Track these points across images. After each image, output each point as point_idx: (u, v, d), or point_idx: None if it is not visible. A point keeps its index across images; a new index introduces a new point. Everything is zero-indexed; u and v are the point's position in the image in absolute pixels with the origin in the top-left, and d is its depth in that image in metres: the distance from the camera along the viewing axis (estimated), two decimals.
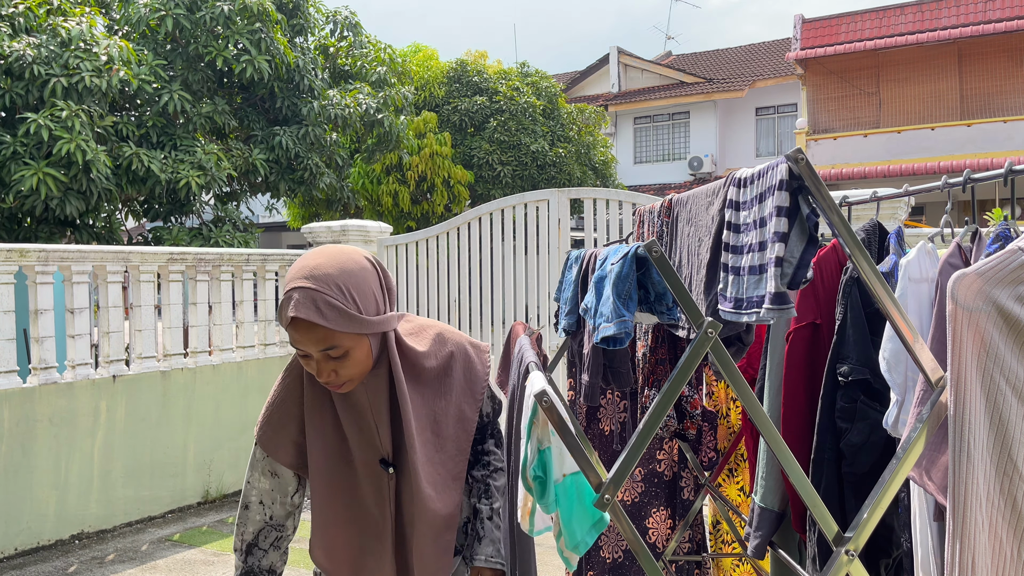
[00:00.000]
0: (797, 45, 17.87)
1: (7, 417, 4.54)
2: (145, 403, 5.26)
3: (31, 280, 4.76)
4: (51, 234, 7.20)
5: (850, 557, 1.43)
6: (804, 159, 1.42)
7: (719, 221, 1.83)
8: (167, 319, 5.53)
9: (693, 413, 2.94)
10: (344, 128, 9.38)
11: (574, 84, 24.07)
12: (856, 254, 1.37)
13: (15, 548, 4.57)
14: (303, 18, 9.36)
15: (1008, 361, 1.28)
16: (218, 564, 4.45)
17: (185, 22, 7.94)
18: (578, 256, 2.80)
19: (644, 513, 3.06)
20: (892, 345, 1.81)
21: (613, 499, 1.42)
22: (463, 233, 6.22)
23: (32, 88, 6.70)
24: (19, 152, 6.49)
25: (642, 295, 1.94)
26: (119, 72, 6.97)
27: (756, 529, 2.32)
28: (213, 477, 5.66)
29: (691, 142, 21.79)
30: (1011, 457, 1.29)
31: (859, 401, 1.99)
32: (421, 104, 14.18)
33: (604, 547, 3.07)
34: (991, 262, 1.29)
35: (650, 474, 3.07)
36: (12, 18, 7.02)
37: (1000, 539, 1.29)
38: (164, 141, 7.84)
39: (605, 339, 1.86)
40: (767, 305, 1.51)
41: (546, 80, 15.42)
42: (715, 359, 1.44)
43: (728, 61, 23.60)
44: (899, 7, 17.26)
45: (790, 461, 1.45)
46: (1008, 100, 16.50)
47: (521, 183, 14.02)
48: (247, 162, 8.38)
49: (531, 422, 1.36)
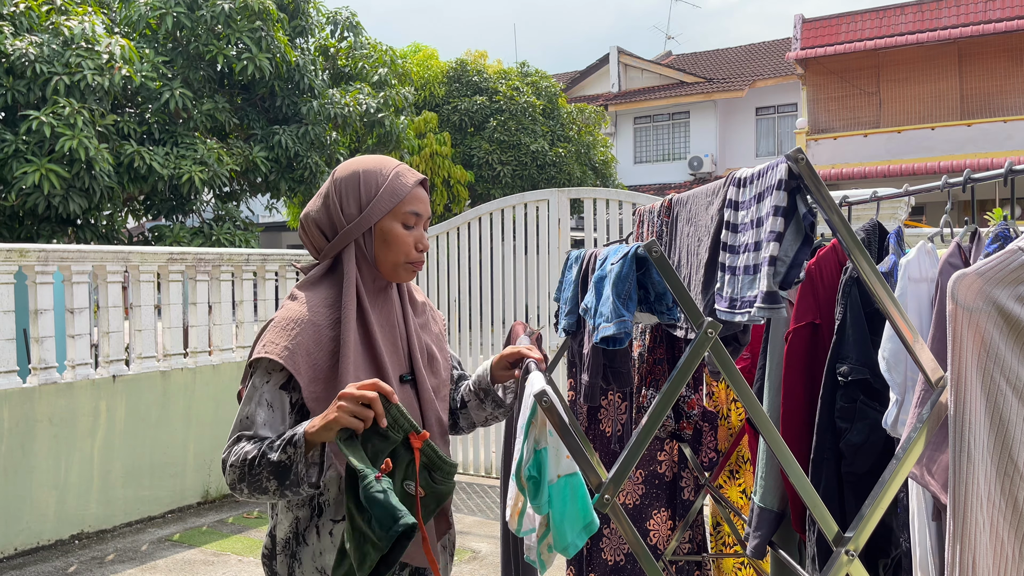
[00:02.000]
0: (797, 45, 17.87)
1: (7, 417, 4.54)
2: (145, 403, 5.26)
3: (31, 280, 4.75)
4: (53, 233, 7.20)
5: (850, 557, 1.42)
6: (804, 159, 1.42)
7: (718, 221, 1.83)
8: (167, 319, 5.53)
9: (690, 413, 2.94)
10: (344, 128, 9.38)
11: (574, 84, 24.07)
12: (856, 254, 1.37)
13: (15, 548, 4.57)
14: (304, 19, 9.37)
15: (1008, 361, 1.28)
16: (218, 564, 4.45)
17: (185, 21, 7.94)
18: (578, 256, 2.80)
19: (645, 515, 3.06)
20: (892, 345, 1.81)
21: (613, 499, 1.41)
22: (463, 233, 6.22)
23: (34, 86, 6.71)
24: (21, 150, 6.49)
25: (642, 295, 1.94)
26: (121, 70, 6.97)
27: (756, 529, 2.32)
28: (213, 477, 5.66)
29: (691, 142, 21.79)
30: (1012, 458, 1.29)
31: (859, 401, 1.99)
32: (421, 104, 14.18)
33: (606, 549, 3.06)
34: (991, 262, 1.29)
35: (651, 476, 3.07)
36: (14, 17, 7.03)
37: (1001, 540, 1.29)
38: (165, 139, 7.84)
39: (605, 339, 1.86)
40: (758, 304, 1.51)
41: (546, 80, 15.42)
42: (715, 359, 1.44)
43: (728, 61, 23.59)
44: (899, 7, 17.26)
45: (790, 461, 1.45)
46: (1008, 100, 16.50)
47: (521, 183, 14.02)
48: (247, 161, 8.38)
49: (529, 422, 1.36)
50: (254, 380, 1.52)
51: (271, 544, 1.61)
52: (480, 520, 5.10)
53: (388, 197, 1.59)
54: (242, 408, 1.51)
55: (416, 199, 1.62)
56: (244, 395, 1.53)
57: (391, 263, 1.61)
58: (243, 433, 1.49)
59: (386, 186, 1.60)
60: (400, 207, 1.60)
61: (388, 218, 1.60)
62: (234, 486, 1.47)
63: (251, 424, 1.49)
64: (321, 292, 1.59)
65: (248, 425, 1.49)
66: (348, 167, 1.64)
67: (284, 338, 1.50)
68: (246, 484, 1.44)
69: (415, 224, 1.63)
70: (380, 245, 1.60)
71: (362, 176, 1.61)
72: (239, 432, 1.49)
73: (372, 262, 1.61)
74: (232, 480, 1.46)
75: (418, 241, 1.63)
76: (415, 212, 1.62)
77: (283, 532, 1.58)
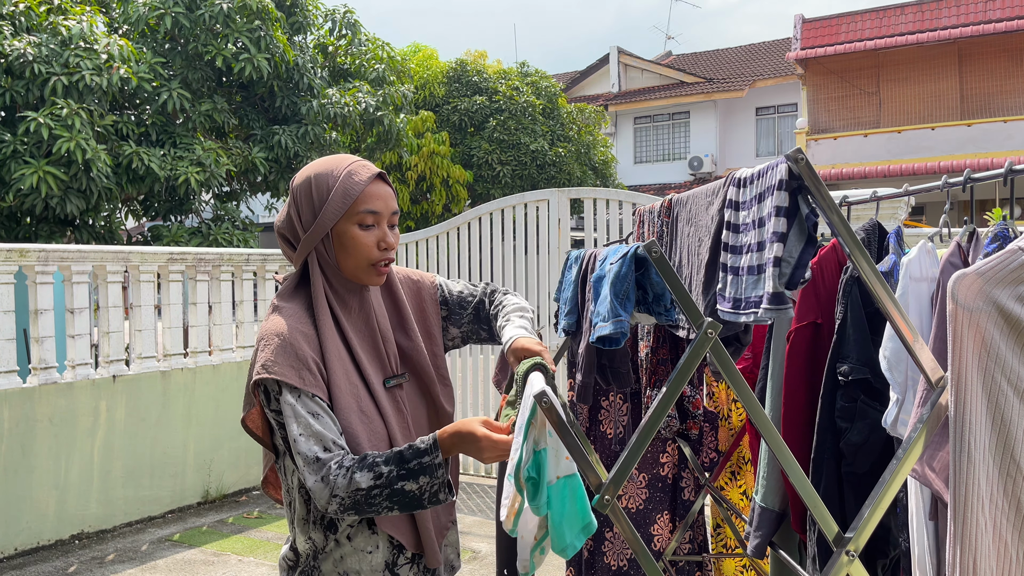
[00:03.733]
0: (797, 45, 17.87)
1: (7, 417, 4.54)
2: (145, 403, 5.26)
3: (31, 280, 4.75)
4: (51, 233, 7.20)
5: (850, 558, 1.42)
6: (804, 159, 1.42)
7: (719, 221, 1.83)
8: (167, 319, 5.53)
9: (695, 413, 2.93)
10: (344, 127, 9.38)
11: (574, 84, 24.07)
12: (856, 254, 1.37)
13: (15, 548, 4.56)
14: (302, 15, 9.35)
15: (1009, 361, 1.28)
16: (218, 564, 4.45)
17: (184, 20, 7.93)
18: (578, 256, 2.80)
19: (649, 520, 3.04)
20: (893, 344, 1.81)
21: (613, 500, 1.41)
22: (463, 233, 6.22)
23: (32, 87, 6.70)
24: (19, 151, 6.49)
25: (641, 296, 1.94)
26: (119, 70, 6.97)
27: (756, 529, 2.32)
28: (213, 477, 5.66)
29: (691, 142, 21.79)
30: (1013, 457, 1.29)
31: (859, 400, 1.99)
32: (421, 104, 14.17)
33: (608, 554, 3.05)
34: (991, 262, 1.29)
35: (654, 479, 3.06)
36: (13, 17, 7.02)
37: (1005, 541, 1.29)
38: (164, 139, 7.84)
39: (601, 339, 1.86)
40: (765, 305, 1.50)
41: (546, 80, 15.42)
42: (715, 359, 1.44)
43: (728, 61, 23.59)
44: (899, 7, 17.26)
45: (790, 461, 1.45)
46: (1008, 100, 16.49)
47: (521, 183, 14.01)
48: (246, 161, 8.37)
49: (529, 422, 1.35)
50: (285, 398, 1.45)
51: (294, 556, 1.62)
52: (480, 520, 5.10)
53: (339, 199, 1.52)
54: (293, 429, 1.44)
55: (371, 196, 1.54)
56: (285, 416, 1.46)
57: (353, 267, 1.55)
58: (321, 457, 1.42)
59: (336, 188, 1.52)
60: (354, 207, 1.53)
61: (343, 221, 1.53)
62: (336, 512, 1.44)
63: (321, 438, 1.43)
64: (299, 300, 1.57)
65: (320, 441, 1.43)
66: (302, 173, 1.58)
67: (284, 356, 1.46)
68: (355, 511, 1.43)
69: (374, 223, 1.55)
70: (339, 250, 1.55)
71: (313, 181, 1.54)
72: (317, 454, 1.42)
73: (336, 268, 1.56)
74: (336, 509, 1.43)
75: (380, 240, 1.56)
76: (371, 211, 1.54)
77: (303, 548, 1.59)
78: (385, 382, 1.60)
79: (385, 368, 1.61)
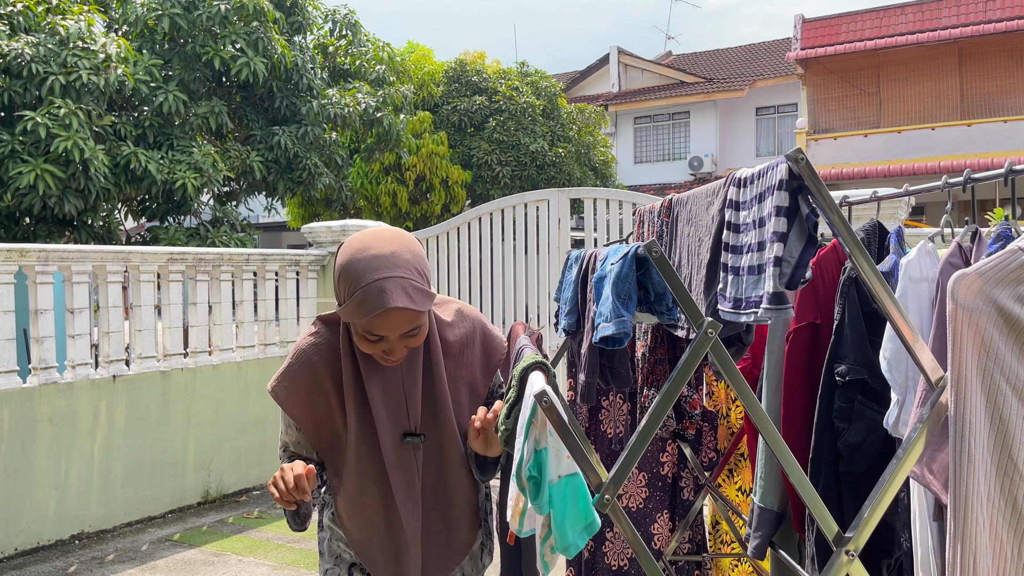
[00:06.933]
0: (797, 45, 17.87)
1: (7, 417, 4.54)
2: (145, 403, 5.26)
3: (31, 280, 4.75)
4: (49, 233, 7.20)
5: (850, 557, 1.42)
6: (804, 159, 1.42)
7: (719, 221, 1.83)
8: (167, 319, 5.53)
9: (692, 413, 2.93)
10: (343, 127, 9.38)
11: (574, 84, 24.07)
12: (856, 254, 1.37)
13: (15, 548, 4.56)
14: (301, 15, 9.35)
15: (1008, 361, 1.28)
16: (218, 564, 4.45)
17: (182, 21, 7.93)
18: (578, 256, 2.80)
19: (649, 519, 3.04)
20: (893, 345, 1.81)
21: (613, 499, 1.41)
22: (463, 233, 6.22)
23: (30, 86, 6.71)
24: (17, 150, 6.49)
25: (642, 295, 1.94)
26: (116, 70, 6.97)
27: (756, 529, 2.32)
28: (213, 477, 5.66)
29: (691, 142, 21.79)
30: (1012, 457, 1.29)
31: (856, 401, 1.99)
32: (419, 104, 14.16)
33: (609, 554, 3.06)
34: (991, 262, 1.29)
35: (654, 478, 3.06)
36: (11, 17, 7.02)
37: (1000, 539, 1.29)
38: (161, 141, 7.83)
39: (604, 339, 1.86)
40: (765, 305, 1.50)
41: (546, 80, 15.41)
42: (715, 359, 1.44)
43: (728, 61, 23.59)
44: (899, 7, 17.26)
45: (790, 461, 1.45)
46: (1008, 100, 16.50)
47: (520, 183, 14.01)
48: (244, 164, 8.37)
49: (529, 422, 1.36)
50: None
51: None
52: None
53: (351, 311, 1.54)
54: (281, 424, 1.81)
55: (376, 326, 1.54)
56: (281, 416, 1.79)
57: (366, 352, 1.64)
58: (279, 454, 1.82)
59: (352, 299, 1.53)
60: (362, 325, 1.56)
61: (354, 325, 1.58)
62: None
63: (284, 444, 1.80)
64: (335, 331, 1.73)
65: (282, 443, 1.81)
66: (344, 252, 1.59)
67: (287, 377, 1.71)
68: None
69: (378, 340, 1.58)
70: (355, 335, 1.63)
71: (341, 275, 1.56)
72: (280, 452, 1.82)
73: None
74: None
75: (385, 351, 1.59)
76: (375, 334, 1.56)
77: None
78: (404, 436, 1.68)
79: (403, 423, 1.68)
